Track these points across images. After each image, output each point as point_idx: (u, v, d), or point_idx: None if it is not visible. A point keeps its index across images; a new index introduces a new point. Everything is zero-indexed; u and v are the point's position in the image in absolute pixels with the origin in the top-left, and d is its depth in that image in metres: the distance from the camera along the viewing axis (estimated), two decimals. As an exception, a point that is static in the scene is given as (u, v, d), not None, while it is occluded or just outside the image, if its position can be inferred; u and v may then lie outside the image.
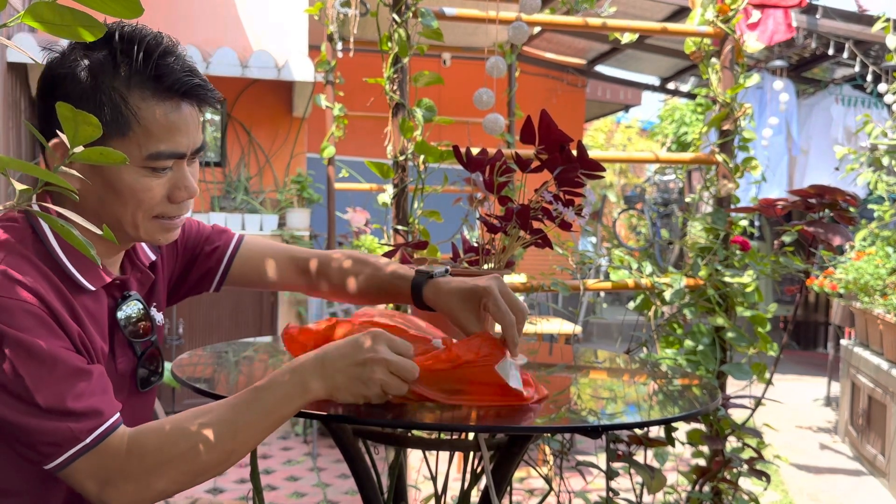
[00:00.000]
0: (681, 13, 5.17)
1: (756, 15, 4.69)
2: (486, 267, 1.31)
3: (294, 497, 3.25)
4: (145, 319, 1.11)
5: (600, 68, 7.35)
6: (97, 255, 1.04)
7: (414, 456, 3.12)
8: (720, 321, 2.19)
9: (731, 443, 2.19)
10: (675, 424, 2.12)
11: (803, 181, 6.30)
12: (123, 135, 0.97)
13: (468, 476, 1.56)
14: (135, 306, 1.10)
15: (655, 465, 2.01)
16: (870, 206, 4.62)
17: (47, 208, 0.97)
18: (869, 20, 5.21)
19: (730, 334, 2.20)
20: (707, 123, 2.39)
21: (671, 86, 7.70)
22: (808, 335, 8.10)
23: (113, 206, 1.00)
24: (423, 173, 2.03)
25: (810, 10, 5.32)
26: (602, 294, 9.01)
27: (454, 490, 2.78)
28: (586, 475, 2.25)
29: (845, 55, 5.36)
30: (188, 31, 4.37)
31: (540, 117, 1.21)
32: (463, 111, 3.55)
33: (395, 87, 2.01)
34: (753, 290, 2.22)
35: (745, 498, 2.16)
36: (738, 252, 2.25)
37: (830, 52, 5.40)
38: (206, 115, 4.67)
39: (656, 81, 7.58)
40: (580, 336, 4.41)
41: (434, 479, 1.75)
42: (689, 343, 2.22)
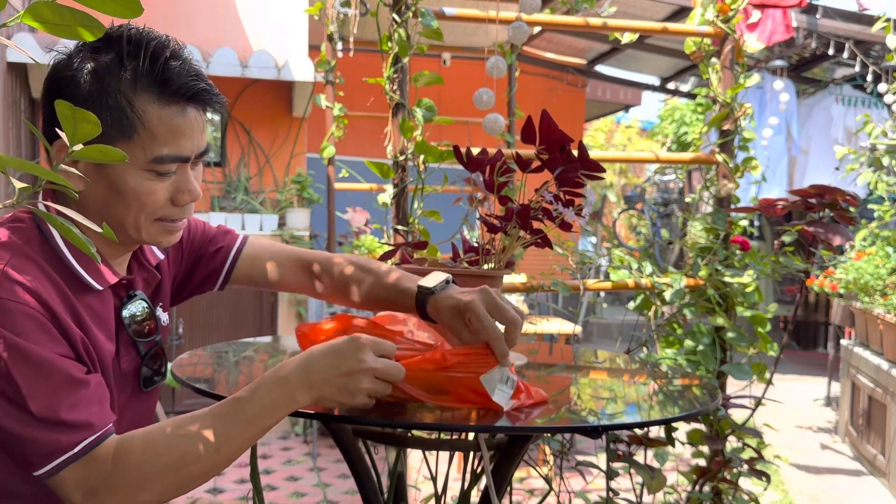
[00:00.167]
0: (681, 13, 5.17)
1: (756, 15, 4.69)
2: (486, 267, 1.31)
3: (294, 497, 3.25)
4: (150, 319, 1.12)
5: (600, 68, 7.35)
6: (105, 255, 1.05)
7: (414, 456, 3.12)
8: (720, 321, 2.19)
9: (731, 443, 2.19)
10: (675, 424, 2.12)
11: (803, 181, 6.30)
12: (128, 138, 0.97)
13: (468, 476, 1.56)
14: (140, 305, 1.10)
15: (655, 465, 2.01)
16: (870, 206, 4.62)
17: (49, 207, 0.97)
18: (869, 20, 5.21)
19: (730, 334, 2.20)
20: (707, 123, 2.39)
21: (671, 86, 7.70)
22: (808, 335, 8.10)
23: (116, 209, 1.00)
24: (423, 173, 2.03)
25: (810, 9, 5.32)
26: (602, 294, 9.01)
27: (454, 490, 2.78)
28: (586, 475, 2.25)
29: (845, 55, 5.36)
30: (188, 31, 4.37)
31: (540, 117, 1.21)
32: (463, 111, 3.56)
33: (395, 87, 2.01)
34: (753, 290, 2.22)
35: (745, 498, 2.16)
36: (738, 252, 2.25)
37: (830, 52, 5.40)
38: (207, 115, 4.69)
39: (656, 81, 7.58)
40: (580, 336, 4.41)
41: (434, 479, 1.75)
42: (689, 343, 2.22)
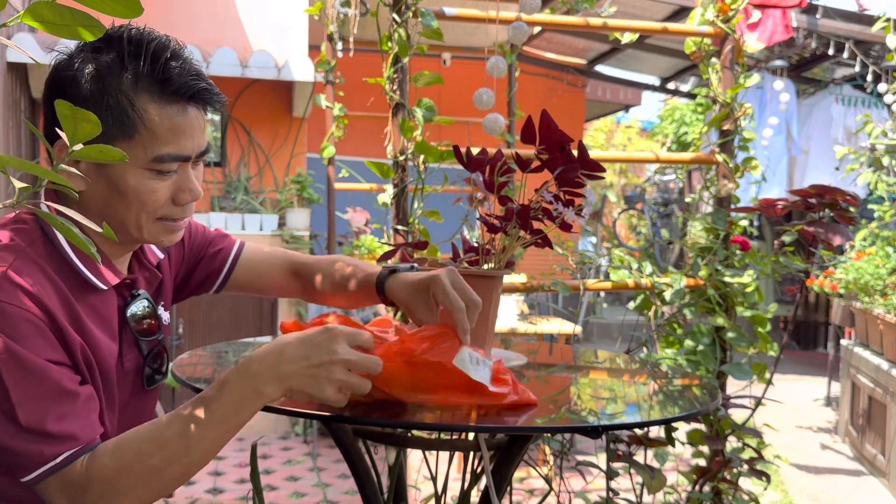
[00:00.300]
0: (681, 13, 5.17)
1: (756, 15, 4.69)
2: (486, 267, 1.31)
3: (294, 497, 3.25)
4: (152, 318, 1.12)
5: (600, 68, 7.35)
6: (106, 255, 1.05)
7: (414, 456, 3.12)
8: (720, 321, 2.19)
9: (732, 443, 2.19)
10: (675, 424, 2.12)
11: (803, 181, 6.30)
12: (129, 137, 0.97)
13: (468, 476, 1.56)
14: (143, 305, 1.11)
15: (655, 465, 2.01)
16: (870, 206, 4.62)
17: (50, 208, 0.97)
18: (869, 20, 5.21)
19: (730, 334, 2.20)
20: (707, 123, 2.39)
21: (671, 86, 7.70)
22: (808, 335, 8.10)
23: (117, 208, 1.01)
24: (423, 173, 2.03)
25: (810, 9, 5.32)
26: (602, 294, 9.01)
27: (454, 490, 2.78)
28: (586, 475, 2.25)
29: (845, 55, 5.36)
30: (188, 31, 4.36)
31: (540, 117, 1.21)
32: (463, 111, 3.55)
33: (395, 87, 2.01)
34: (753, 290, 2.22)
35: (745, 498, 2.16)
36: (738, 252, 2.25)
37: (830, 52, 5.40)
38: (207, 115, 4.69)
39: (656, 81, 7.58)
40: (580, 336, 4.41)
41: (434, 479, 1.75)
42: (689, 343, 2.22)
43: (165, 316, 1.18)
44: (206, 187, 4.56)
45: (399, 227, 2.05)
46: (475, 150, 1.32)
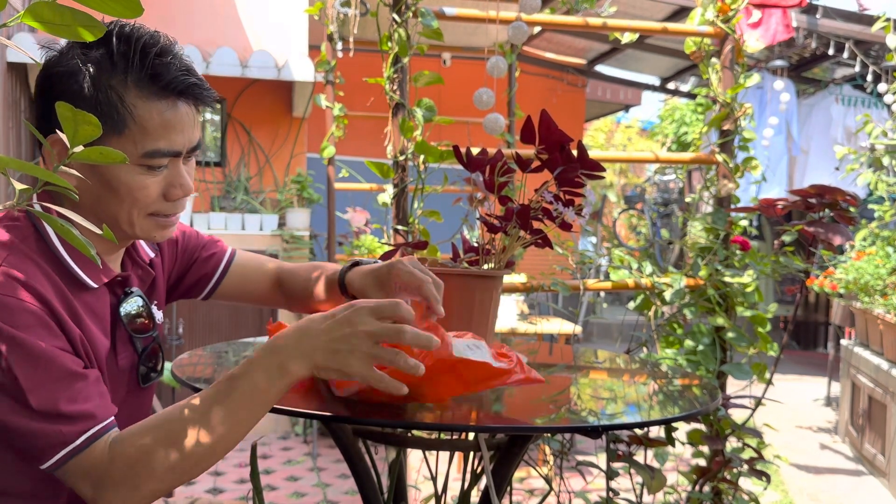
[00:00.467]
0: (681, 13, 5.17)
1: (756, 15, 4.69)
2: (486, 267, 1.31)
3: (294, 497, 3.25)
4: (146, 316, 1.12)
5: (600, 68, 7.35)
6: (99, 252, 1.05)
7: (414, 456, 3.12)
8: (720, 321, 2.19)
9: (732, 443, 2.19)
10: (675, 424, 2.12)
11: (803, 181, 6.30)
12: (120, 133, 0.97)
13: (468, 476, 1.56)
14: (136, 303, 1.11)
15: (655, 465, 2.01)
16: (870, 206, 4.62)
17: (48, 208, 0.97)
18: (869, 20, 5.21)
19: (730, 334, 2.20)
20: (707, 123, 2.39)
21: (671, 86, 7.70)
22: (808, 335, 8.10)
23: (109, 204, 1.01)
24: (423, 173, 2.03)
25: (810, 9, 5.32)
26: (602, 294, 9.01)
27: (454, 490, 2.78)
28: (586, 475, 2.25)
29: (845, 55, 5.36)
30: (188, 31, 4.37)
31: (540, 117, 1.21)
32: (463, 111, 3.55)
33: (395, 87, 2.01)
34: (753, 290, 2.22)
35: (745, 498, 2.16)
36: (738, 252, 2.25)
37: (830, 52, 5.40)
38: (206, 115, 4.69)
39: (656, 81, 7.58)
40: (580, 336, 4.41)
41: (434, 479, 1.75)
42: (689, 343, 2.22)
43: (159, 314, 1.18)
44: (207, 187, 4.56)
45: (399, 227, 2.05)
46: (475, 150, 1.32)
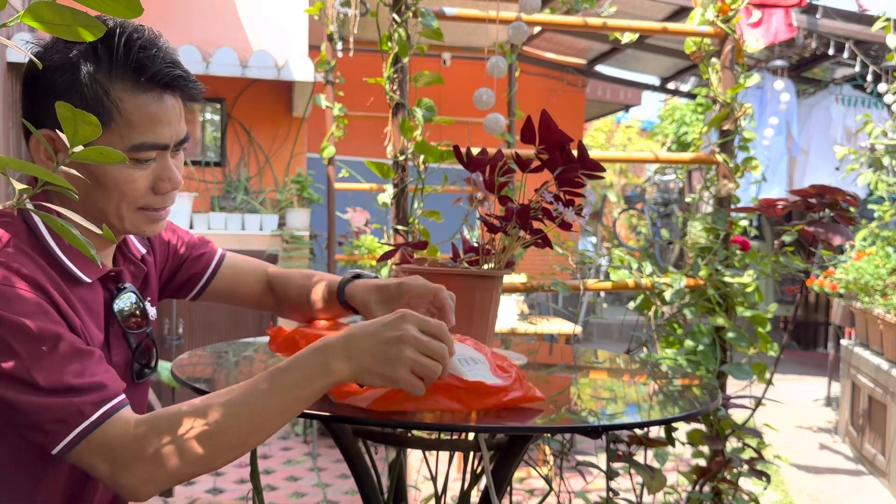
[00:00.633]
0: (681, 13, 5.17)
1: (756, 14, 4.69)
2: (486, 267, 1.31)
3: (294, 497, 3.25)
4: (140, 312, 1.12)
5: (600, 68, 7.35)
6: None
7: (414, 456, 3.12)
8: (720, 321, 2.19)
9: (732, 443, 2.19)
10: (675, 424, 2.12)
11: (803, 181, 6.30)
12: (106, 126, 0.97)
13: (468, 476, 1.56)
14: (129, 299, 1.11)
15: (655, 465, 2.01)
16: (870, 206, 4.62)
17: (44, 206, 0.97)
18: (869, 20, 5.21)
19: (730, 334, 2.20)
20: (707, 123, 2.39)
21: (671, 86, 7.70)
22: (808, 335, 8.10)
23: (98, 199, 1.01)
24: (423, 173, 2.03)
25: (810, 9, 5.32)
26: (602, 294, 9.01)
27: (454, 490, 2.78)
28: (586, 475, 2.25)
29: (845, 55, 5.36)
30: (188, 31, 4.37)
31: (540, 117, 1.21)
32: (463, 111, 3.55)
33: (395, 87, 2.01)
34: (753, 290, 2.22)
35: (745, 498, 2.16)
36: (738, 252, 2.25)
37: (830, 51, 5.40)
38: (206, 115, 4.70)
39: (656, 81, 7.58)
40: (580, 336, 4.41)
41: (434, 479, 1.75)
42: (689, 343, 2.22)
43: (153, 311, 1.18)
44: (207, 187, 4.56)
45: (399, 227, 2.05)
46: (475, 150, 1.32)
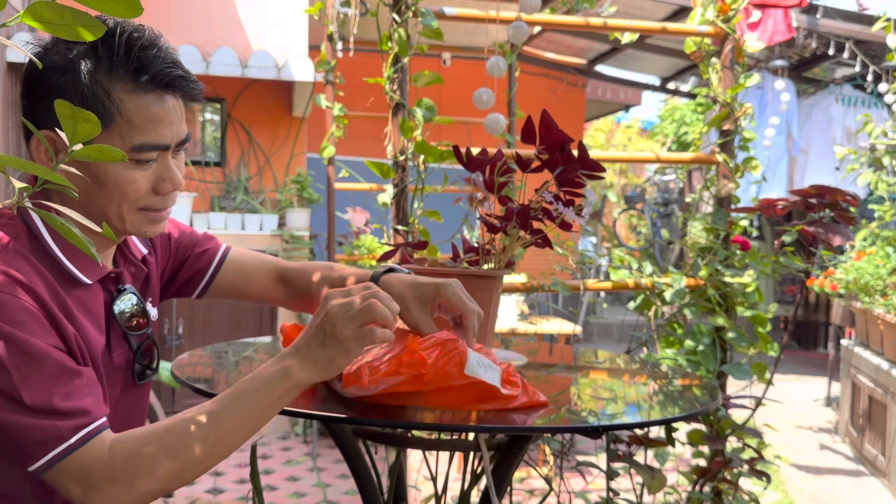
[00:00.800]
0: (681, 13, 5.17)
1: (756, 14, 4.70)
2: (486, 267, 1.31)
3: (294, 497, 3.25)
4: (141, 313, 1.12)
5: (600, 68, 7.35)
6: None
7: (414, 456, 3.12)
8: (720, 321, 2.19)
9: (732, 443, 2.19)
10: (675, 425, 2.12)
11: (803, 181, 6.30)
12: (106, 127, 0.97)
13: (468, 476, 1.56)
14: (130, 300, 1.10)
15: (656, 465, 2.01)
16: (870, 206, 4.62)
17: (45, 205, 0.97)
18: (869, 20, 5.21)
19: (730, 334, 2.20)
20: (707, 123, 2.39)
21: (671, 86, 7.70)
22: (808, 335, 8.10)
23: (99, 199, 1.01)
24: (423, 173, 2.03)
25: (811, 9, 5.32)
26: (602, 294, 9.01)
27: (454, 490, 2.78)
28: (586, 475, 2.25)
29: (845, 55, 5.36)
30: (187, 31, 4.37)
31: (540, 117, 1.21)
32: (463, 111, 3.56)
33: (395, 87, 2.01)
34: (754, 290, 2.22)
35: (746, 498, 2.16)
36: (738, 252, 2.25)
37: (831, 51, 5.40)
38: (206, 115, 4.70)
39: (656, 81, 7.58)
40: (580, 336, 4.41)
41: (434, 480, 1.75)
42: (689, 343, 2.22)
43: (154, 311, 1.17)
44: (207, 187, 4.56)
45: (399, 227, 2.05)
46: (475, 150, 1.32)
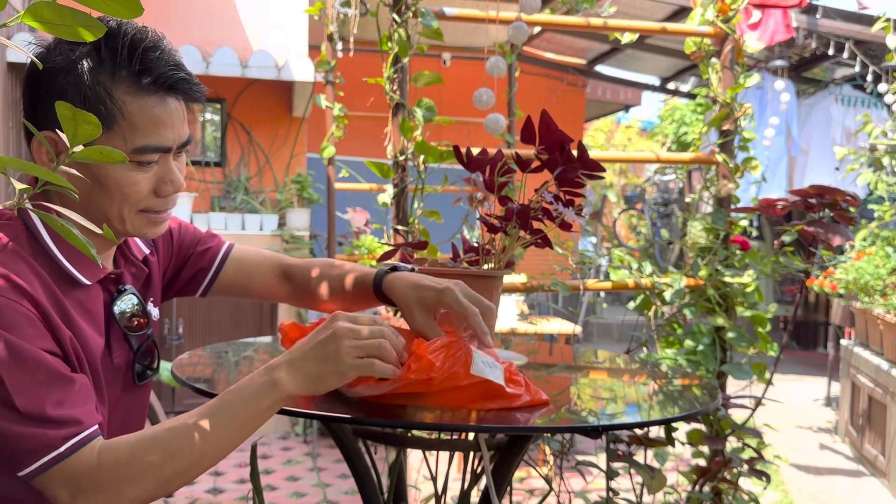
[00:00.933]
0: (681, 13, 5.17)
1: (756, 15, 4.69)
2: (486, 267, 1.31)
3: (294, 497, 3.25)
4: (141, 314, 1.12)
5: (600, 68, 7.35)
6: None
7: (414, 456, 3.12)
8: (720, 321, 2.19)
9: (731, 443, 2.19)
10: (675, 424, 2.12)
11: (803, 181, 6.30)
12: (109, 128, 0.97)
13: (468, 476, 1.56)
14: (130, 301, 1.10)
15: (655, 465, 2.01)
16: (870, 206, 4.62)
17: (45, 207, 0.97)
18: (869, 20, 5.21)
19: (730, 334, 2.20)
20: (707, 123, 2.39)
21: (671, 86, 7.70)
22: (808, 335, 8.10)
23: (99, 201, 1.00)
24: (423, 173, 2.03)
25: (810, 9, 5.32)
26: (602, 294, 9.01)
27: (454, 490, 2.78)
28: (586, 475, 2.25)
29: (845, 55, 5.36)
30: (188, 31, 4.37)
31: (540, 117, 1.21)
32: (463, 111, 3.56)
33: (395, 87, 2.01)
34: (753, 290, 2.22)
35: (745, 498, 2.16)
36: (738, 252, 2.25)
37: (830, 52, 5.40)
38: (206, 115, 4.70)
39: (656, 81, 7.58)
40: (580, 336, 4.41)
41: (434, 479, 1.75)
42: (689, 343, 2.22)
43: (154, 312, 1.17)
44: (207, 187, 4.56)
45: (399, 227, 2.05)
46: (475, 150, 1.32)
